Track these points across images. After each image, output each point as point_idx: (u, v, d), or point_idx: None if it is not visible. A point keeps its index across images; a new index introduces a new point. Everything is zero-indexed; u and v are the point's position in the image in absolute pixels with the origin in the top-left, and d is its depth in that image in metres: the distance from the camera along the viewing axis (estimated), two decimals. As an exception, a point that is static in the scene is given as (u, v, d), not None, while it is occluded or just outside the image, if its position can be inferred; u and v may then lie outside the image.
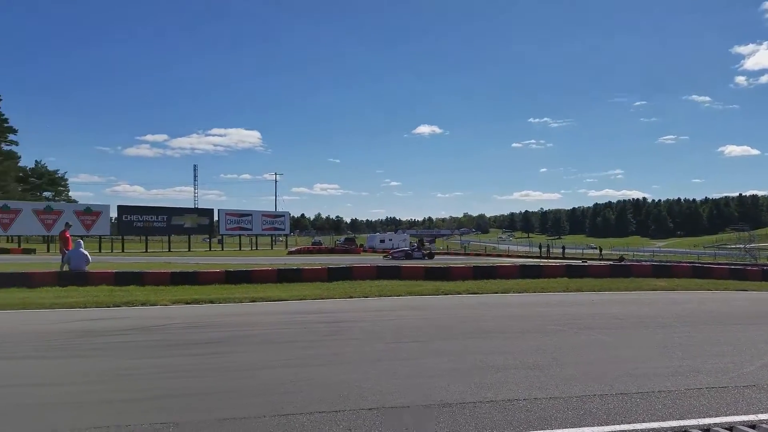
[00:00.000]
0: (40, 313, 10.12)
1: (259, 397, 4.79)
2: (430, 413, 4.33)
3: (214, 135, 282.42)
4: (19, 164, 72.90)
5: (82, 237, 19.00)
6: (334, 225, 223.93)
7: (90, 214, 52.91)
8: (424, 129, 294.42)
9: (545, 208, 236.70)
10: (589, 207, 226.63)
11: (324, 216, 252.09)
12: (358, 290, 13.23)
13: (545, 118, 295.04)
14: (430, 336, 7.72)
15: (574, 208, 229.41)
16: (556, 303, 11.77)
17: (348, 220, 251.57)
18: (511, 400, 4.65)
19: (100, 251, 47.94)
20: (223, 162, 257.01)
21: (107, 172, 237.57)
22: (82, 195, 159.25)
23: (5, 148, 66.30)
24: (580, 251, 69.04)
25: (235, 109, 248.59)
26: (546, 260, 40.00)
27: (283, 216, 73.17)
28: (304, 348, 6.90)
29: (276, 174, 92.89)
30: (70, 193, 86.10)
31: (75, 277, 14.63)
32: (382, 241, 67.60)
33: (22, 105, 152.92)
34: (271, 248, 67.22)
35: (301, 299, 11.91)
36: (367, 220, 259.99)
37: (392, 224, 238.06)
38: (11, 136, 68.43)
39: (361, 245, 66.21)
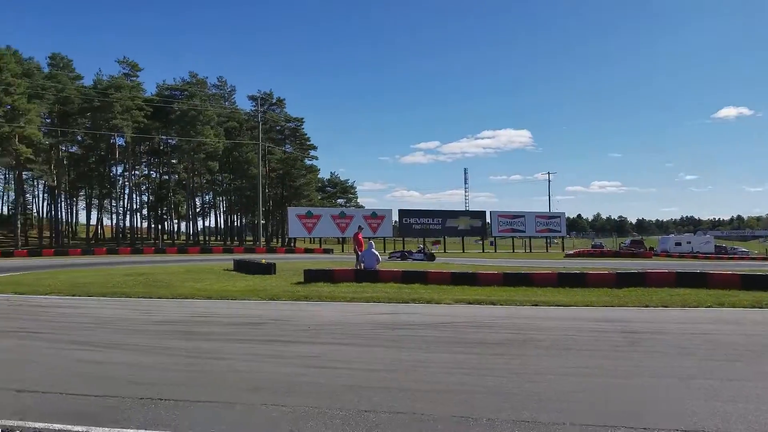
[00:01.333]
0: (345, 305, 11.57)
1: (554, 403, 4.57)
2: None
3: (483, 138, 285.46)
4: (319, 176, 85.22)
5: (370, 238, 21.14)
6: (617, 226, 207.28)
7: (376, 218, 59.23)
8: (729, 111, 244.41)
9: None
10: None
11: (604, 216, 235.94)
12: (654, 298, 11.77)
13: None
14: (756, 355, 6.45)
15: None
16: None
17: (633, 221, 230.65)
18: None
19: (384, 252, 53.05)
20: (493, 164, 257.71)
21: (387, 180, 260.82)
22: (367, 201, 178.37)
23: (308, 162, 78.64)
24: None
25: (504, 110, 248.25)
26: None
27: (559, 217, 70.61)
28: (597, 357, 6.41)
29: (549, 173, 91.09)
30: (359, 200, 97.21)
31: (368, 274, 16.34)
32: (678, 244, 59.42)
33: (320, 125, 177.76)
34: (546, 251, 65.69)
35: (587, 306, 11.17)
36: (657, 220, 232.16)
37: (689, 224, 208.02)
38: (312, 152, 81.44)
39: (652, 248, 59.74)
